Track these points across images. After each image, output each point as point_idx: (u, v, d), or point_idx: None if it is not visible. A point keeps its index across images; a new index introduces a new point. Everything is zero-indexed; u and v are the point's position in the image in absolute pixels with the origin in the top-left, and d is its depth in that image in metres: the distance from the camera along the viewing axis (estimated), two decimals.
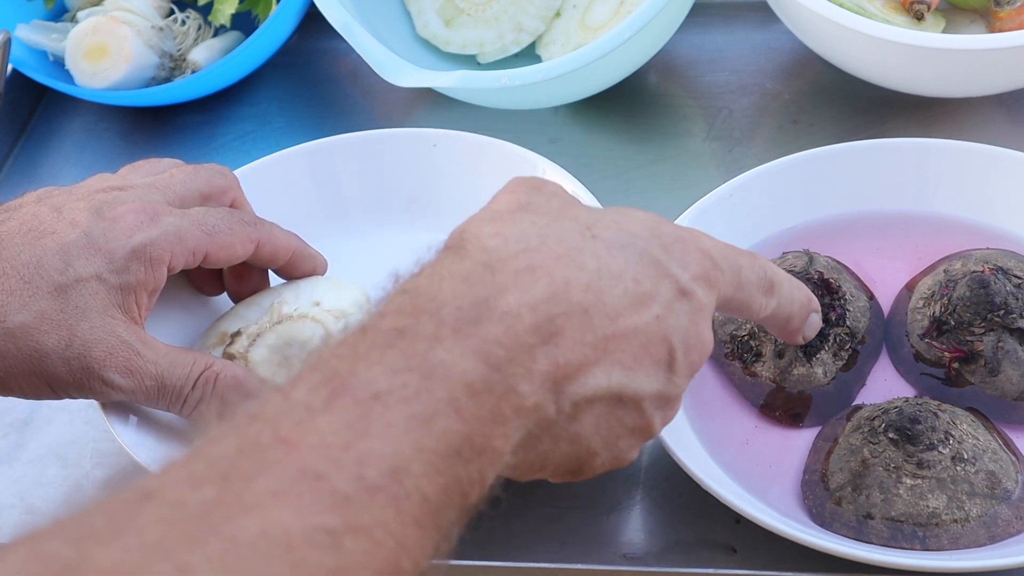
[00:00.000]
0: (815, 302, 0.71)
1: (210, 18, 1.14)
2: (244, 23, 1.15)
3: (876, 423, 0.75)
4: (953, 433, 0.74)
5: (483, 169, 0.94)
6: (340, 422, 0.47)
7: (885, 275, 0.87)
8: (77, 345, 0.71)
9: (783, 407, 0.80)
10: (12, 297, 0.70)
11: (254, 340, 0.79)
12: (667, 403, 0.59)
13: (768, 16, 1.05)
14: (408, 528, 0.47)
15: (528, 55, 1.09)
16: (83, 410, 0.88)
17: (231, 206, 0.82)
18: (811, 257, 0.84)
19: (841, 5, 0.94)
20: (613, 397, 0.56)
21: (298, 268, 0.83)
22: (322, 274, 0.85)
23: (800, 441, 0.79)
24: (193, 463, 0.45)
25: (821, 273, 0.82)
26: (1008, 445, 0.76)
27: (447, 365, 0.50)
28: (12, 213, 0.75)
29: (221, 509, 0.42)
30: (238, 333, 0.80)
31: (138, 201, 0.75)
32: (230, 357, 0.78)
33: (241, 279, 0.84)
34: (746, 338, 0.81)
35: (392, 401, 0.48)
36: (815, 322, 0.72)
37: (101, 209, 0.74)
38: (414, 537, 0.47)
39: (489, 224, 0.57)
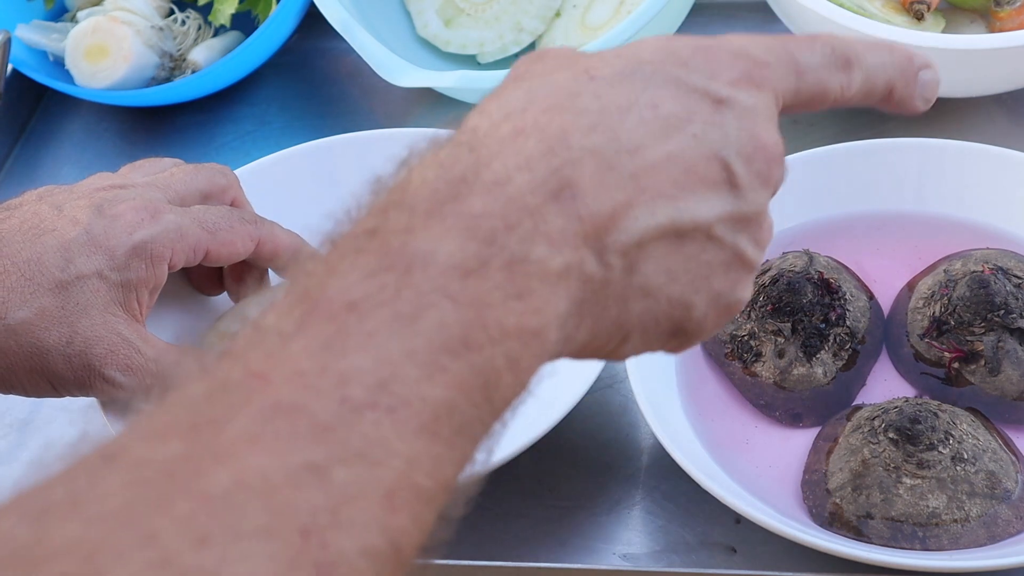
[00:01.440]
0: (919, 57, 0.59)
1: (210, 18, 1.14)
2: (244, 23, 1.15)
3: (876, 423, 0.75)
4: (953, 433, 0.74)
5: None
6: (315, 343, 0.42)
7: (885, 275, 0.87)
8: (78, 342, 0.71)
9: (783, 407, 0.80)
10: (13, 294, 0.71)
11: None
12: (748, 223, 0.51)
13: (768, 16, 1.05)
14: (415, 440, 0.41)
15: None
16: (83, 410, 0.88)
17: (231, 205, 0.82)
18: (811, 257, 0.84)
19: (841, 5, 0.94)
20: (671, 233, 0.48)
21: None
22: None
23: (800, 441, 0.79)
24: (159, 415, 0.40)
25: (821, 273, 0.82)
26: (1008, 445, 0.76)
27: (427, 253, 0.45)
28: (13, 211, 0.75)
29: (190, 463, 0.38)
30: None
31: (139, 199, 0.75)
32: None
33: (241, 278, 0.84)
34: (746, 338, 0.82)
35: (369, 307, 0.43)
36: (929, 79, 0.59)
37: (102, 207, 0.74)
38: (425, 448, 0.42)
39: (481, 103, 0.52)
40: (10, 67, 1.10)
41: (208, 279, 0.84)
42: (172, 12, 1.14)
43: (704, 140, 0.49)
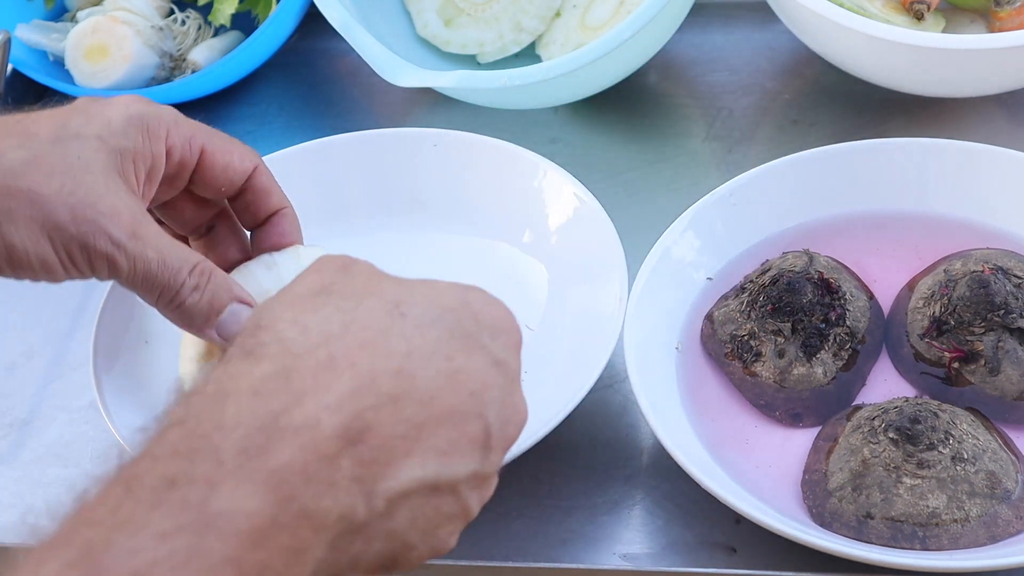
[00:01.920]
0: None
1: (210, 18, 1.14)
2: (244, 23, 1.15)
3: (876, 423, 0.75)
4: (953, 433, 0.74)
5: (483, 169, 0.94)
6: None
7: (885, 275, 0.87)
8: (81, 194, 0.65)
9: (783, 407, 0.80)
10: (8, 140, 0.66)
11: None
12: (483, 483, 0.54)
13: (768, 16, 1.05)
14: None
15: (528, 55, 1.09)
16: (83, 410, 0.88)
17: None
18: (811, 257, 0.84)
19: (841, 5, 0.94)
20: (429, 487, 0.51)
21: (285, 231, 0.76)
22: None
23: (800, 441, 0.79)
24: None
25: (821, 273, 0.82)
26: (1008, 445, 0.76)
27: (228, 513, 0.44)
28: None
29: None
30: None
31: (135, 96, 0.72)
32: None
33: (219, 249, 0.77)
34: (746, 338, 0.82)
35: None
36: None
37: (95, 99, 0.71)
38: None
39: (288, 310, 0.52)
40: (10, 67, 1.10)
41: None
42: (172, 12, 1.14)
43: (478, 399, 0.52)
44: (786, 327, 0.81)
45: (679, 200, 0.90)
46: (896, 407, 0.75)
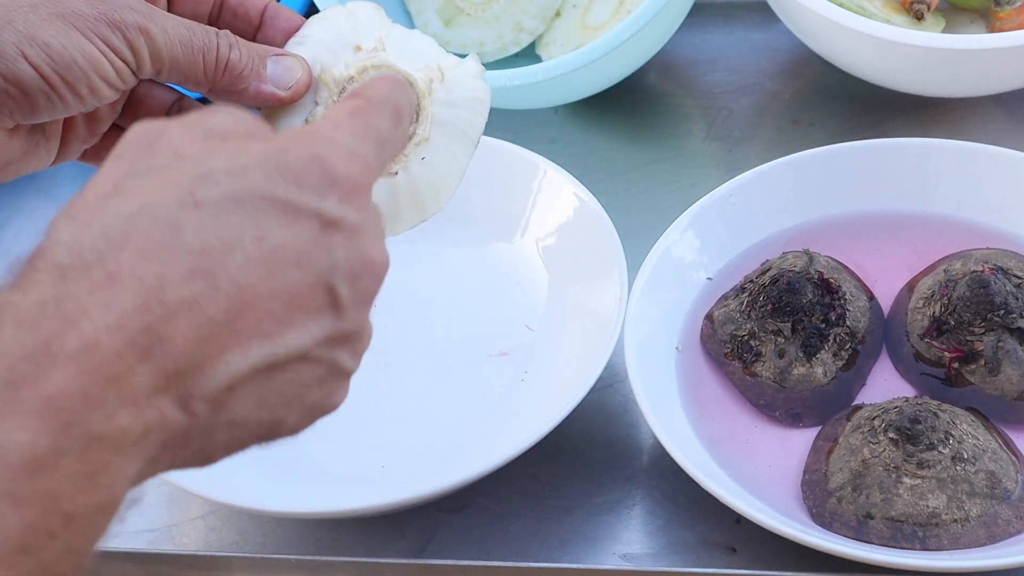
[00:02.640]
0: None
1: None
2: None
3: (876, 423, 0.75)
4: (953, 433, 0.74)
5: (482, 169, 0.94)
6: None
7: (885, 275, 0.87)
8: None
9: (783, 407, 0.80)
10: None
11: None
12: (347, 339, 0.51)
13: (768, 16, 1.05)
14: None
15: (528, 55, 1.09)
16: None
17: None
18: (811, 257, 0.84)
19: (841, 5, 0.94)
20: (263, 370, 0.48)
21: (289, 16, 0.68)
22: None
23: (800, 441, 0.79)
24: None
25: (821, 273, 0.82)
26: (1008, 445, 0.76)
27: None
28: None
29: None
30: (309, 124, 0.64)
31: None
32: None
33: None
34: (746, 338, 0.81)
35: None
36: None
37: None
38: None
39: (69, 225, 0.48)
40: None
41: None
42: None
43: (310, 267, 0.49)
44: (786, 327, 0.81)
45: (679, 200, 0.90)
46: (896, 407, 0.75)
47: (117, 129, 0.67)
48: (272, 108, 0.64)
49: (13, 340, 0.44)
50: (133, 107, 0.67)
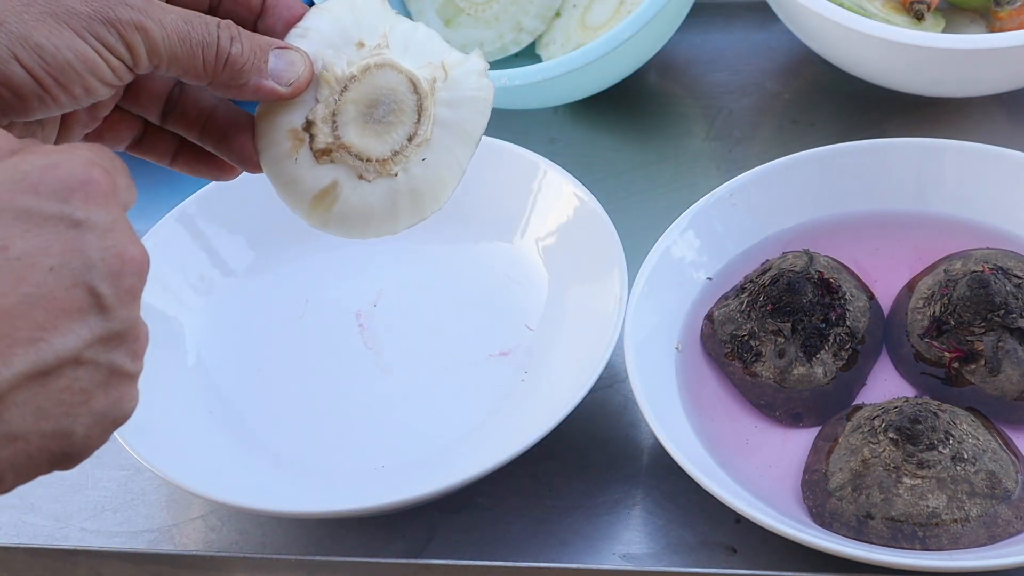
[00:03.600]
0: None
1: None
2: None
3: (876, 423, 0.75)
4: (953, 433, 0.74)
5: (482, 169, 0.94)
6: None
7: (885, 275, 0.87)
8: None
9: (783, 407, 0.80)
10: None
11: (333, 121, 0.63)
12: (120, 339, 0.51)
13: (768, 16, 1.05)
14: None
15: (528, 55, 1.09)
16: None
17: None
18: (811, 257, 0.84)
19: (841, 5, 0.94)
20: (34, 376, 0.48)
21: (290, 3, 0.66)
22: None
23: (800, 441, 0.79)
24: None
25: (821, 273, 0.82)
26: (1008, 445, 0.76)
27: None
28: None
29: None
30: (310, 123, 0.63)
31: None
32: (326, 154, 0.62)
33: None
34: (746, 338, 0.81)
35: None
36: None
37: None
38: None
39: None
40: None
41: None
42: None
43: (64, 270, 0.49)
44: (786, 327, 0.81)
45: (679, 200, 0.90)
46: (896, 407, 0.75)
47: (119, 111, 0.66)
48: (271, 103, 0.64)
49: None
50: (135, 89, 0.66)
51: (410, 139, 0.62)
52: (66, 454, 0.50)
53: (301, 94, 0.63)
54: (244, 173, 0.67)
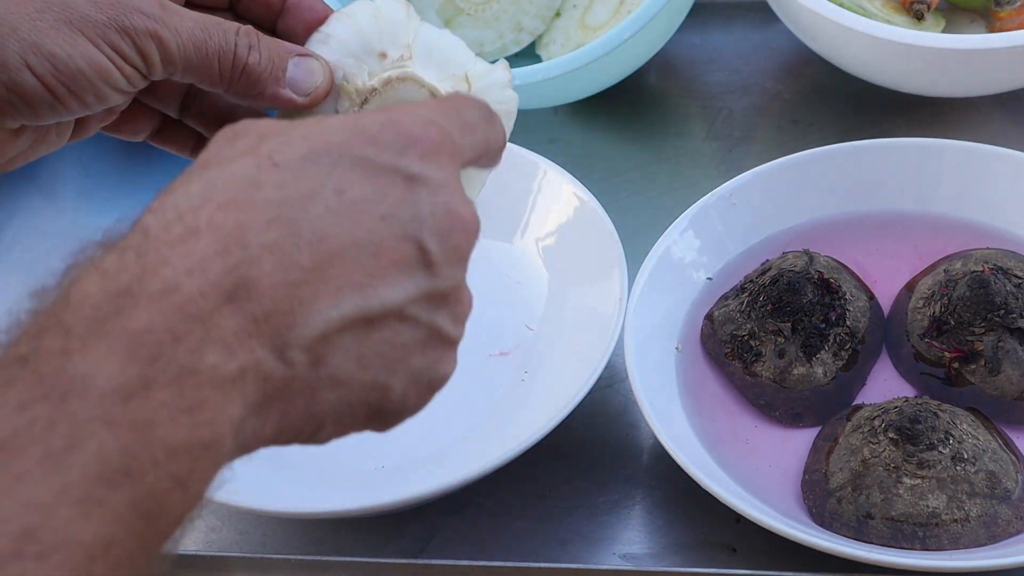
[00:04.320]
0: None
1: None
2: None
3: (876, 423, 0.75)
4: (953, 433, 0.74)
5: None
6: None
7: (885, 275, 0.87)
8: None
9: (783, 407, 0.80)
10: None
11: None
12: (445, 299, 0.50)
13: (768, 16, 1.05)
14: None
15: (528, 55, 1.09)
16: None
17: None
18: (811, 257, 0.84)
19: (841, 5, 0.94)
20: (359, 321, 0.48)
21: (312, 5, 0.66)
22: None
23: (800, 441, 0.79)
24: None
25: (821, 273, 0.82)
26: (1008, 445, 0.76)
27: (84, 377, 0.42)
28: None
29: None
30: None
31: None
32: None
33: None
34: (746, 338, 0.81)
35: (19, 446, 0.41)
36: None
37: None
38: None
39: (162, 192, 0.49)
40: None
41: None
42: None
43: (395, 221, 0.49)
44: (786, 327, 0.81)
45: (679, 200, 0.90)
46: (896, 407, 0.75)
47: (138, 103, 0.66)
48: (289, 111, 0.63)
49: (96, 288, 0.44)
50: (153, 86, 0.65)
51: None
52: (383, 410, 0.50)
53: (320, 104, 0.63)
54: None
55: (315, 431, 0.49)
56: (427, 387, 0.51)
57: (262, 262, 0.46)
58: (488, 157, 0.56)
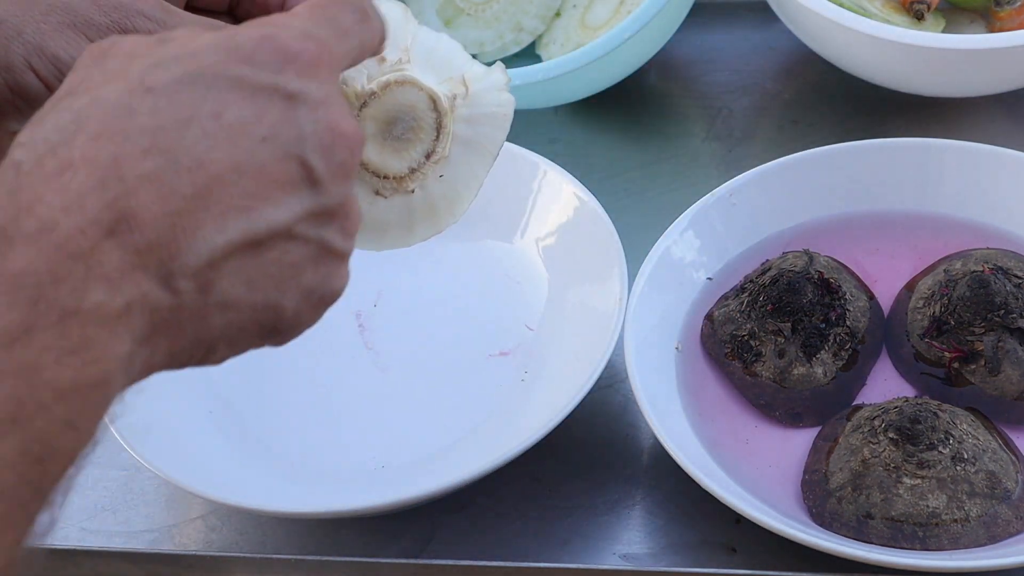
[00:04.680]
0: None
1: None
2: None
3: (876, 423, 0.75)
4: (953, 433, 0.74)
5: None
6: None
7: (885, 275, 0.87)
8: None
9: (783, 407, 0.80)
10: None
11: None
12: (333, 215, 0.50)
13: (768, 16, 1.05)
14: None
15: (528, 55, 1.09)
16: None
17: None
18: (811, 257, 0.84)
19: (841, 5, 0.94)
20: (246, 244, 0.47)
21: None
22: None
23: (800, 441, 0.79)
24: None
25: (821, 273, 0.82)
26: (1008, 445, 0.76)
27: None
28: None
29: None
30: None
31: None
32: None
33: None
34: (746, 338, 0.81)
35: None
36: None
37: None
38: None
39: (30, 124, 0.48)
40: None
41: None
42: None
43: (276, 141, 0.48)
44: (786, 327, 0.81)
45: (679, 200, 0.90)
46: (896, 407, 0.75)
47: None
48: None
49: None
50: None
51: (428, 156, 0.61)
52: (276, 328, 0.50)
53: None
54: None
55: (207, 354, 0.49)
56: (320, 302, 0.51)
57: (141, 193, 0.45)
58: (365, 56, 0.55)
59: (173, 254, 0.45)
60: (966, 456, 0.73)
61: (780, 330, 0.81)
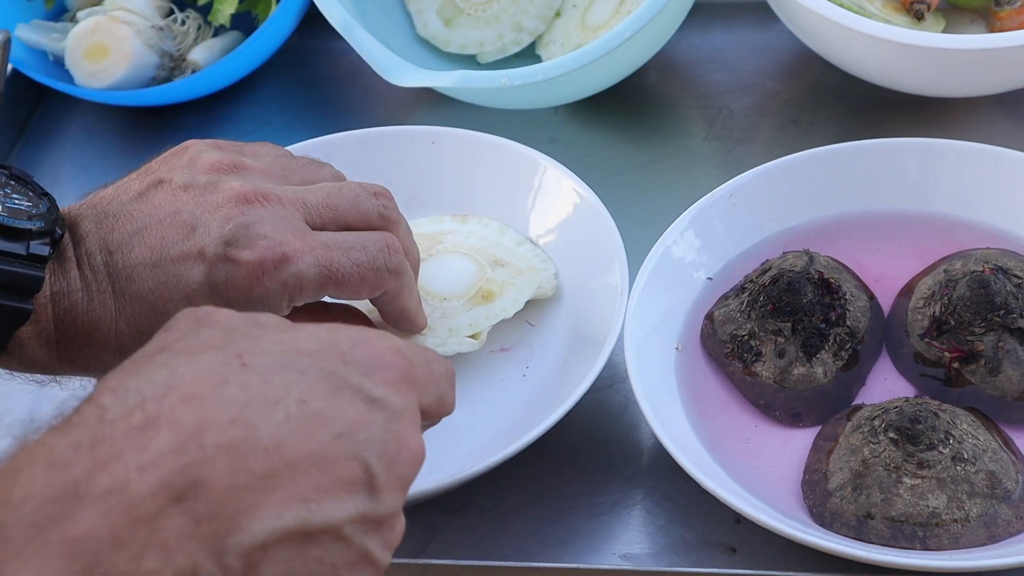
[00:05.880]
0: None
1: (210, 18, 1.13)
2: (244, 23, 1.15)
3: (876, 423, 0.75)
4: (953, 433, 0.74)
5: (482, 166, 0.94)
6: None
7: (885, 275, 0.87)
8: None
9: (783, 407, 0.80)
10: (137, 320, 0.66)
11: None
12: (379, 525, 0.51)
13: (768, 16, 1.05)
14: None
15: (528, 55, 1.09)
16: None
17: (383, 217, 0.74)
18: (811, 257, 0.84)
19: (841, 5, 0.94)
20: (297, 535, 0.47)
21: (399, 325, 0.78)
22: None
23: (800, 441, 0.79)
24: None
25: (821, 273, 0.82)
26: (1008, 445, 0.76)
27: None
28: (154, 189, 0.69)
29: None
30: None
31: (271, 230, 0.68)
32: None
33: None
34: (746, 338, 0.81)
35: None
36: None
37: (233, 240, 0.67)
38: None
39: (122, 370, 0.49)
40: (10, 67, 1.09)
41: None
42: (172, 12, 1.14)
43: (349, 440, 0.49)
44: (786, 327, 0.81)
45: (679, 200, 0.90)
46: (896, 407, 0.75)
47: None
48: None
49: (43, 481, 0.44)
50: None
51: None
52: None
53: None
54: None
55: None
56: None
57: (216, 463, 0.46)
58: (436, 414, 0.57)
59: (231, 530, 0.46)
60: (966, 456, 0.73)
61: (780, 330, 0.81)
